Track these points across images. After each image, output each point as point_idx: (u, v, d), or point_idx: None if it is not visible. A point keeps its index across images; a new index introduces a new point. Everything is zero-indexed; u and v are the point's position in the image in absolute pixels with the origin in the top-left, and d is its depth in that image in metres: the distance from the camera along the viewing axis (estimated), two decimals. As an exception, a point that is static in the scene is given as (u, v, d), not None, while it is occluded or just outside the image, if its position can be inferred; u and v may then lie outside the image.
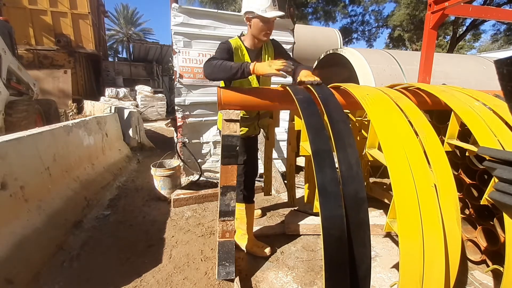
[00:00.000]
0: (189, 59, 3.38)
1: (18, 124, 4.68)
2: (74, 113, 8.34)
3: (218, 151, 3.73)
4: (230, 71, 1.63)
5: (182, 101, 3.46)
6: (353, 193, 1.10)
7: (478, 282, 1.87)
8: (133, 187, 3.58)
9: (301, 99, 1.46)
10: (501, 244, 1.83)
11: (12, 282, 1.63)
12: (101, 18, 14.70)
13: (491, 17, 3.69)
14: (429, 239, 1.07)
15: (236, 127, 1.71)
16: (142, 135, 5.64)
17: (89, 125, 3.53)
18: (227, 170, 1.72)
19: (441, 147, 1.36)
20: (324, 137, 1.22)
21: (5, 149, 1.94)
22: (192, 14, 3.33)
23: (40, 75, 8.84)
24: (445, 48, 17.68)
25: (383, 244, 2.33)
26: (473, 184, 2.09)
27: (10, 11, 9.56)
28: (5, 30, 5.14)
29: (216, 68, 1.66)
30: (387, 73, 3.87)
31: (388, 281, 1.88)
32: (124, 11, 27.40)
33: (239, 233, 2.26)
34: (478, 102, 1.69)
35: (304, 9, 16.32)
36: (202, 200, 3.11)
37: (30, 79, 5.96)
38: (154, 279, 1.86)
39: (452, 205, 1.23)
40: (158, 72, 16.75)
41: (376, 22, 18.64)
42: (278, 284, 1.86)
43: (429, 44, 3.22)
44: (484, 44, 26.43)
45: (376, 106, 1.45)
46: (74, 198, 2.64)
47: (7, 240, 1.77)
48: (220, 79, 1.80)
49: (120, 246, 2.24)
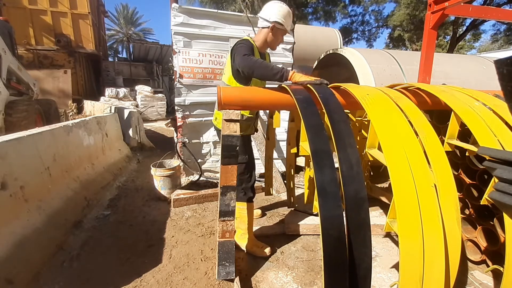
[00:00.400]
0: (189, 59, 3.38)
1: (18, 124, 4.68)
2: (74, 113, 8.35)
3: (218, 151, 3.74)
4: (271, 71, 1.72)
5: (182, 101, 3.46)
6: (354, 193, 1.10)
7: (478, 282, 1.87)
8: (133, 187, 3.58)
9: (301, 99, 1.47)
10: (501, 244, 1.83)
11: (12, 282, 1.63)
12: (101, 18, 14.71)
13: (491, 17, 3.69)
14: (429, 239, 1.07)
15: (236, 127, 1.71)
16: (142, 135, 5.64)
17: (89, 125, 3.53)
18: (227, 170, 1.72)
19: (441, 147, 1.36)
20: (323, 137, 1.22)
21: (5, 149, 1.94)
22: (192, 14, 3.33)
23: (40, 75, 8.85)
24: (445, 48, 17.67)
25: (383, 244, 2.33)
26: (473, 184, 2.09)
27: (10, 11, 9.56)
28: (5, 30, 5.14)
29: (258, 64, 1.74)
30: (387, 73, 3.87)
31: (388, 281, 1.88)
32: (124, 11, 27.37)
33: (239, 232, 2.26)
34: (478, 102, 1.69)
35: (304, 9, 16.31)
36: (202, 200, 3.11)
37: (30, 79, 5.96)
38: (154, 279, 1.86)
39: (452, 205, 1.23)
40: (158, 72, 16.75)
41: (376, 22, 18.65)
42: (278, 284, 1.86)
43: (429, 44, 3.22)
44: (484, 44, 26.43)
45: (376, 106, 1.45)
46: (74, 198, 2.64)
47: (7, 240, 1.77)
48: (257, 76, 1.83)
49: (120, 246, 2.24)
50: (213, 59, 3.49)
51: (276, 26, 1.96)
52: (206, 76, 3.49)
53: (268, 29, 1.99)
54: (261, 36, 2.04)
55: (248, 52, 1.82)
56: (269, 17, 1.96)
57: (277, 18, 1.95)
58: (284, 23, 1.97)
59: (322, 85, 1.65)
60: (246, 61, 1.76)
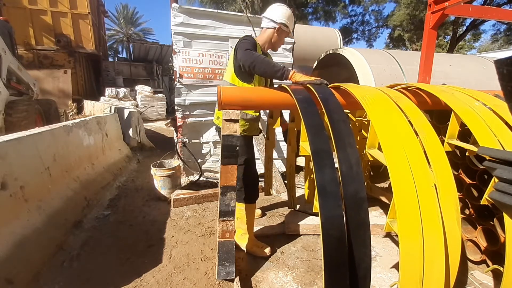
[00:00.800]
0: (189, 59, 3.38)
1: (18, 124, 4.68)
2: (74, 113, 8.35)
3: (218, 151, 3.74)
4: (272, 68, 1.73)
5: (182, 101, 3.46)
6: (353, 193, 1.10)
7: (478, 282, 1.87)
8: (133, 187, 3.58)
9: (301, 99, 1.47)
10: (501, 244, 1.83)
11: (12, 282, 1.63)
12: (101, 18, 14.71)
13: (491, 17, 3.69)
14: (429, 239, 1.07)
15: (236, 127, 1.71)
16: (142, 135, 5.64)
17: (89, 125, 3.53)
18: (227, 170, 1.72)
19: (441, 147, 1.36)
20: (323, 137, 1.22)
21: (5, 149, 1.94)
22: (192, 14, 3.33)
23: (40, 75, 8.85)
24: (445, 48, 17.68)
25: (383, 244, 2.33)
26: (473, 184, 2.09)
27: (10, 11, 9.57)
28: (5, 30, 5.14)
29: (260, 60, 1.75)
30: (387, 73, 3.87)
31: (388, 281, 1.88)
32: (124, 11, 27.38)
33: (239, 232, 2.26)
34: (478, 102, 1.69)
35: (304, 9, 16.32)
36: (202, 200, 3.11)
37: (30, 79, 5.96)
38: (154, 279, 1.86)
39: (452, 205, 1.23)
40: (158, 72, 16.75)
41: (376, 22, 18.67)
42: (278, 284, 1.86)
43: (429, 44, 3.22)
44: (484, 44, 26.43)
45: (376, 106, 1.45)
46: (74, 198, 2.64)
47: (7, 240, 1.76)
48: (257, 72, 1.84)
49: (120, 246, 2.24)
50: (213, 59, 3.49)
51: (282, 28, 2.02)
52: (206, 76, 3.50)
53: (274, 30, 2.03)
54: (265, 36, 2.07)
55: (251, 48, 1.83)
56: (276, 18, 2.01)
57: (283, 20, 2.00)
58: (289, 25, 2.04)
59: (322, 85, 1.65)
60: (248, 56, 1.77)
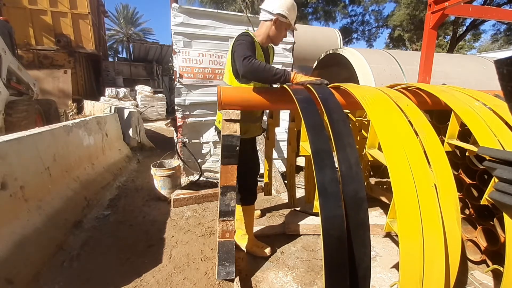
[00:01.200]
0: (189, 59, 3.38)
1: (18, 124, 4.68)
2: (74, 113, 8.34)
3: (218, 151, 3.74)
4: (274, 76, 1.69)
5: (182, 101, 3.46)
6: (353, 193, 1.11)
7: (478, 282, 1.87)
8: (133, 187, 3.58)
9: (301, 99, 1.46)
10: (501, 244, 1.83)
11: (12, 282, 1.63)
12: (101, 18, 14.70)
13: (491, 17, 3.69)
14: (429, 239, 1.07)
15: (236, 127, 1.71)
16: (142, 135, 5.64)
17: (89, 125, 3.53)
18: (227, 170, 1.72)
19: (441, 147, 1.36)
20: (324, 137, 1.22)
21: (5, 149, 1.94)
22: (192, 14, 3.33)
23: (40, 75, 8.85)
24: (445, 48, 17.68)
25: (383, 244, 2.33)
26: (473, 184, 2.09)
27: (10, 11, 9.57)
28: (5, 30, 5.14)
29: (260, 69, 1.67)
30: (387, 73, 3.87)
31: (388, 281, 1.88)
32: (124, 11, 27.36)
33: (239, 233, 2.26)
34: (478, 102, 1.69)
35: (304, 9, 16.31)
36: (202, 200, 3.11)
37: (30, 79, 5.96)
38: (154, 279, 1.86)
39: (452, 205, 1.23)
40: (158, 72, 16.75)
41: (376, 22, 18.65)
42: (278, 284, 1.86)
43: (429, 44, 3.22)
44: (484, 44, 26.43)
45: (376, 106, 1.45)
46: (74, 198, 2.64)
47: (7, 240, 1.76)
48: (259, 80, 1.79)
49: (120, 246, 2.24)
50: (213, 59, 3.49)
51: (280, 19, 1.84)
52: (206, 76, 3.50)
53: (271, 22, 1.86)
54: (263, 29, 1.92)
55: (248, 54, 1.69)
56: (272, 9, 1.83)
57: (280, 10, 1.82)
58: (288, 16, 1.84)
59: (322, 85, 1.65)
60: (247, 67, 1.66)
